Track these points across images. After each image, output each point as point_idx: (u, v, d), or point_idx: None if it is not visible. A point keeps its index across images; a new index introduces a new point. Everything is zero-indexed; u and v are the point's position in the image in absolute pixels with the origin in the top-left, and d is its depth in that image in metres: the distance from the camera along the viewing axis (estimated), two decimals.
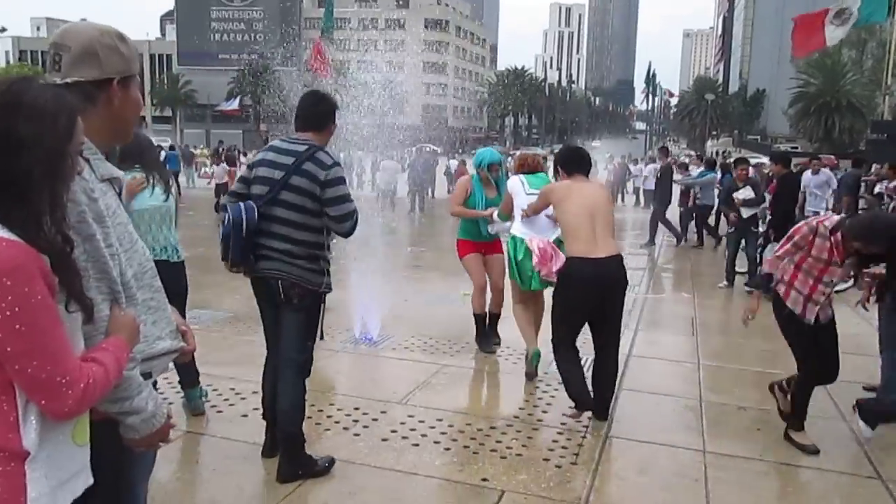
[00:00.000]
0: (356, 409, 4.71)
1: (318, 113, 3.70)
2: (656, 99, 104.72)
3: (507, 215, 5.58)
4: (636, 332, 6.99)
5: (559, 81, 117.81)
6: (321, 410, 4.64)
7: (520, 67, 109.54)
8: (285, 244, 3.55)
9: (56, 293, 1.46)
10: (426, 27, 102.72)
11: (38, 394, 1.45)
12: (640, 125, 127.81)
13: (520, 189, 5.49)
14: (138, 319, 1.90)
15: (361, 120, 9.68)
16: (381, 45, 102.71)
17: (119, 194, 1.91)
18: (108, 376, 1.58)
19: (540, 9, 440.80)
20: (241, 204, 3.56)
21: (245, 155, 29.34)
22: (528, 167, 5.73)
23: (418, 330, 6.76)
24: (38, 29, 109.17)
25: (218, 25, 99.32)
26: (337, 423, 4.48)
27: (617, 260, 4.54)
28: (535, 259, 5.12)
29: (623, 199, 25.51)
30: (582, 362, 4.86)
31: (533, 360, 5.40)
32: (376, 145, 11.32)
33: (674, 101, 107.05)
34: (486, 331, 6.13)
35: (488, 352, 6.06)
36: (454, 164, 27.76)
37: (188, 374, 4.42)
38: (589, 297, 4.47)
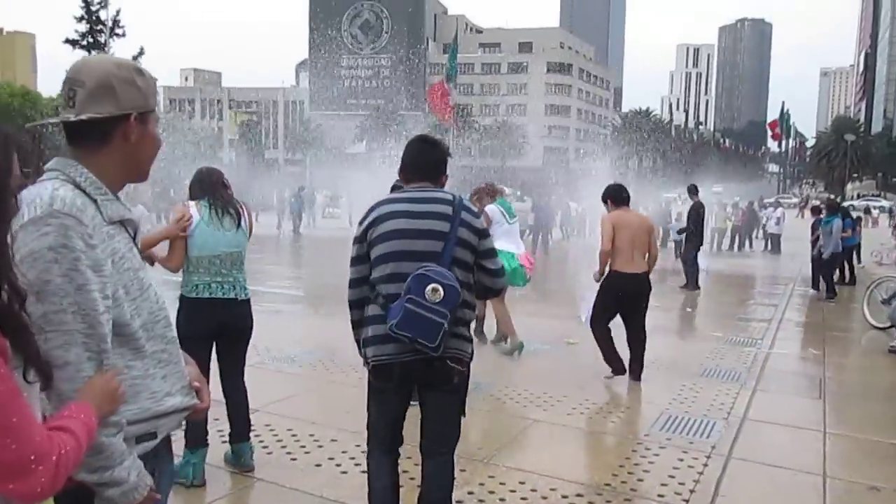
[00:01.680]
0: None
1: (434, 161, 3.16)
2: (790, 140, 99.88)
3: None
4: (754, 391, 6.35)
5: (686, 123, 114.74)
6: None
7: (644, 109, 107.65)
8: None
9: (9, 358, 1.29)
10: (549, 70, 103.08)
11: (4, 478, 1.25)
12: (774, 167, 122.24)
13: (501, 218, 7.12)
14: (147, 373, 1.74)
15: (482, 162, 9.83)
16: (503, 89, 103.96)
17: (134, 237, 1.78)
18: (80, 447, 1.40)
19: (666, 50, 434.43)
20: (442, 269, 2.88)
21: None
22: (494, 194, 7.47)
23: (512, 379, 6.43)
24: (187, 79, 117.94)
25: (348, 72, 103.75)
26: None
27: (644, 275, 6.40)
28: (527, 267, 7.21)
29: (751, 245, 24.11)
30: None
31: (519, 349, 7.11)
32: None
33: (809, 142, 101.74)
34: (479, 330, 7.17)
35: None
36: (574, 205, 27.51)
37: (243, 425, 4.23)
38: (623, 298, 6.38)
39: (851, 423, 5.67)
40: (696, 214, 13.16)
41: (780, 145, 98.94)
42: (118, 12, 57.83)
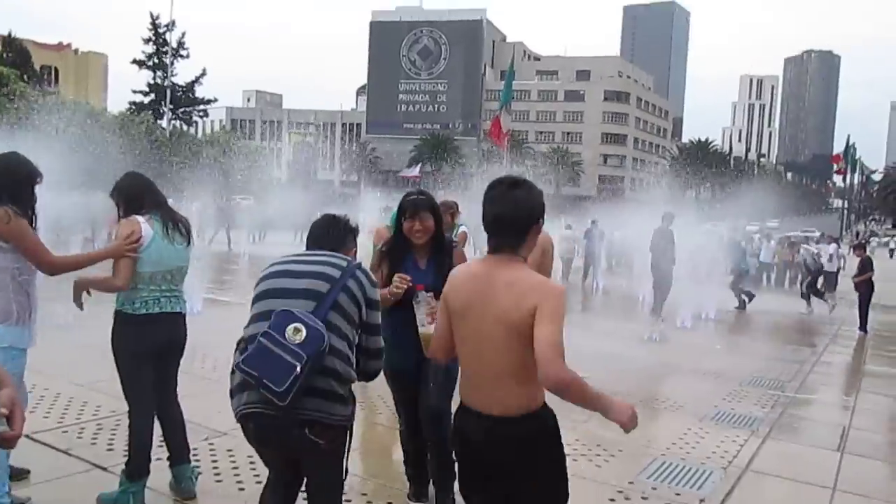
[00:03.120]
0: None
1: (335, 233, 2.96)
2: (855, 174, 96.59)
3: None
4: (765, 439, 5.85)
5: (746, 155, 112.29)
6: None
7: (704, 140, 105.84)
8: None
9: None
10: (606, 99, 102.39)
11: None
12: (839, 202, 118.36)
13: None
14: None
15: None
16: (559, 117, 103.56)
17: None
18: None
19: (729, 81, 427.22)
20: (311, 314, 2.60)
21: None
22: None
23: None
24: (249, 100, 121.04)
25: (405, 97, 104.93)
26: None
27: None
28: None
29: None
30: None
31: None
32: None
33: (877, 176, 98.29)
34: None
35: None
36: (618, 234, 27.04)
37: (181, 448, 4.00)
38: None
39: (867, 484, 5.11)
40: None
41: (844, 180, 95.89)
42: (183, 35, 60.03)
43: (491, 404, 2.41)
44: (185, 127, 59.02)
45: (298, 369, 2.44)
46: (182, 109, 60.39)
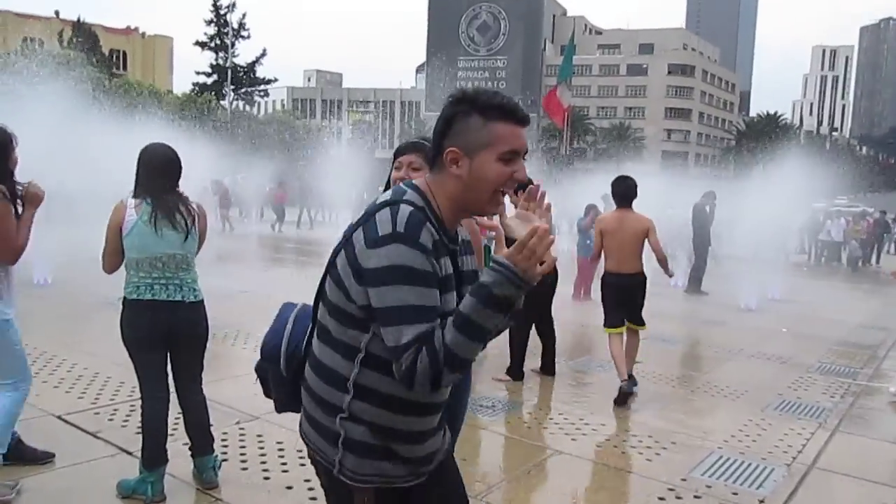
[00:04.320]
0: None
1: None
2: None
3: None
4: (833, 433, 5.41)
5: (818, 129, 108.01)
6: None
7: (773, 113, 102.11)
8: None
9: None
10: (670, 73, 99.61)
11: None
12: None
13: None
14: None
15: (596, 166, 9.15)
16: (621, 91, 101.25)
17: None
18: None
19: (800, 52, 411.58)
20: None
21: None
22: None
23: (548, 400, 5.78)
24: (309, 80, 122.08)
25: (464, 74, 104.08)
26: None
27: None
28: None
29: (878, 261, 22.04)
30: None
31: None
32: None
33: None
34: None
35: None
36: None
37: (202, 438, 3.83)
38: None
39: None
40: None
41: None
42: (244, 16, 60.74)
43: (628, 268, 6.03)
44: (246, 107, 59.70)
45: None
46: (243, 90, 61.08)
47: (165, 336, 3.60)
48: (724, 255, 15.56)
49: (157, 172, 3.58)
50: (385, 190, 2.68)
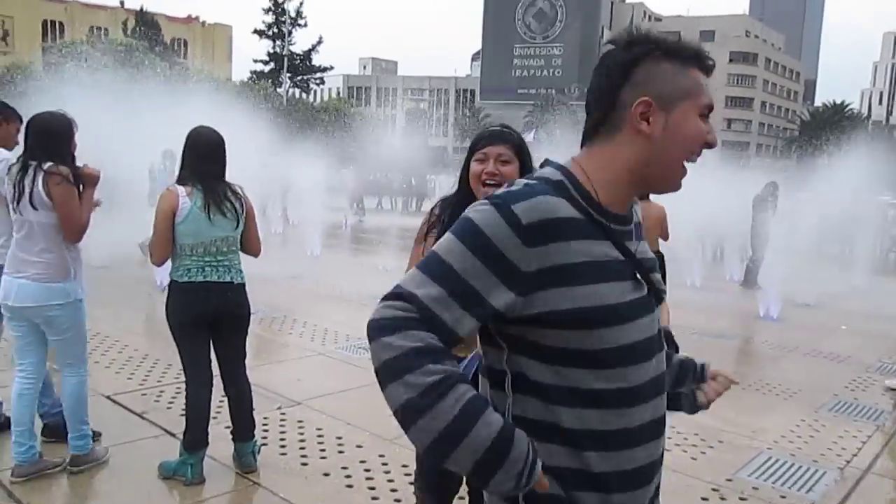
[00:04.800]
0: None
1: None
2: None
3: None
4: (892, 437, 5.17)
5: (888, 118, 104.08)
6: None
7: (840, 102, 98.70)
8: None
9: None
10: (731, 60, 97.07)
11: None
12: None
13: None
14: None
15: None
16: None
17: None
18: None
19: (871, 39, 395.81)
20: None
21: None
22: None
23: None
24: (365, 68, 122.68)
25: (519, 62, 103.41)
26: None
27: None
28: None
29: None
30: None
31: None
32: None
33: None
34: None
35: None
36: None
37: (244, 424, 3.86)
38: None
39: None
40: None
41: None
42: (301, 3, 61.33)
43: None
44: (303, 95, 60.38)
45: None
46: (300, 77, 61.82)
47: (213, 318, 3.65)
48: (785, 248, 15.13)
49: (204, 157, 3.61)
50: (458, 185, 2.58)
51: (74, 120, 3.63)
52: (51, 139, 3.47)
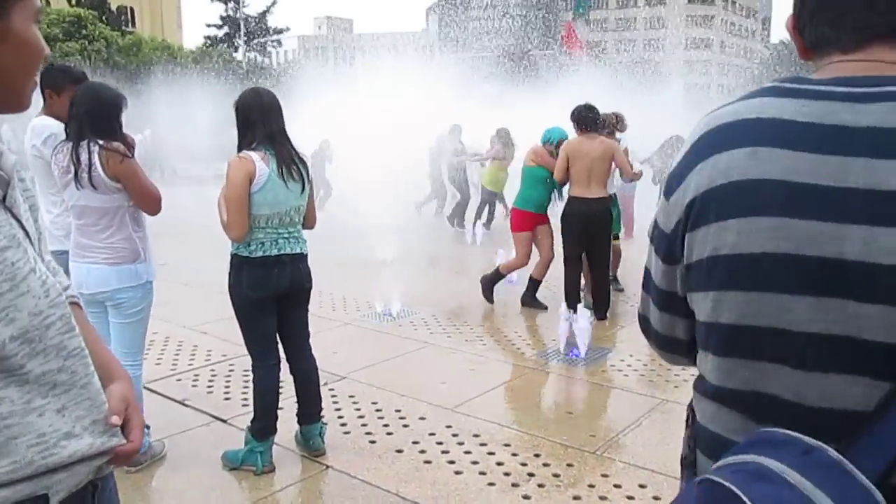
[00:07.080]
0: (555, 457, 3.70)
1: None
2: None
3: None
4: None
5: None
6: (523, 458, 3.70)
7: None
8: None
9: None
10: (690, 1, 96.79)
11: None
12: None
13: None
14: (30, 406, 1.12)
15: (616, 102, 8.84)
16: (639, 24, 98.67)
17: (4, 198, 1.13)
18: None
19: None
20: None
21: None
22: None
23: (648, 347, 5.56)
24: (320, 27, 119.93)
25: (476, 13, 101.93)
26: (507, 475, 3.51)
27: (600, 200, 6.23)
28: None
29: None
30: None
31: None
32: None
33: None
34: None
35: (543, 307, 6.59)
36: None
37: (312, 406, 3.65)
38: (583, 226, 6.27)
39: None
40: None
41: None
42: None
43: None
44: (265, 60, 58.87)
45: None
46: (255, 41, 60.19)
47: (286, 292, 3.42)
48: None
49: (274, 116, 3.30)
50: None
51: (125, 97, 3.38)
52: (102, 114, 3.19)
